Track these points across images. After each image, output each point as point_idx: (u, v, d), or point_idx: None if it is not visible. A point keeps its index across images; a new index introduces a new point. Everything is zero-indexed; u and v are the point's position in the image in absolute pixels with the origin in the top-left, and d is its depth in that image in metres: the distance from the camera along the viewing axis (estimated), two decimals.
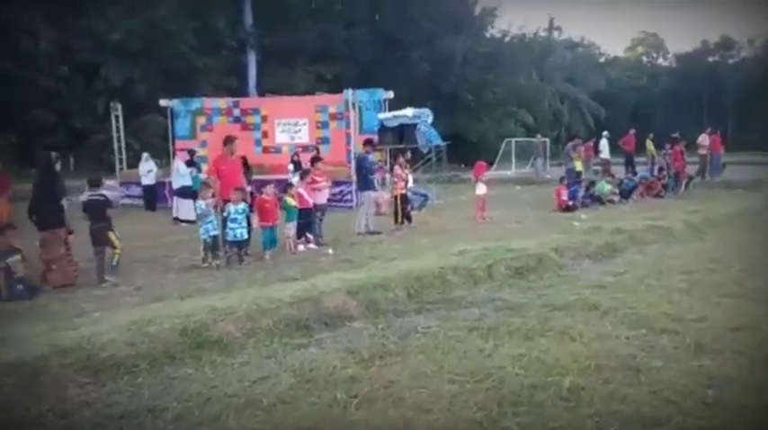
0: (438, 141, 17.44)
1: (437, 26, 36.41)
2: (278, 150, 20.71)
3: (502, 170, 31.44)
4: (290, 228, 9.65)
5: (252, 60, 33.35)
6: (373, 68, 34.85)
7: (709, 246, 9.49)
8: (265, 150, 21.02)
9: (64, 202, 8.18)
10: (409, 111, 17.27)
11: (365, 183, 11.68)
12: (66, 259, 7.93)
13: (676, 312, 5.93)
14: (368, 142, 12.23)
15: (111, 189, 21.62)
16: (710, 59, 62.36)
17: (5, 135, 28.11)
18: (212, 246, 8.71)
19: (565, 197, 14.54)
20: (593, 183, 16.71)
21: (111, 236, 7.98)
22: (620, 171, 20.29)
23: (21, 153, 29.29)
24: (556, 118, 50.54)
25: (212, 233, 8.64)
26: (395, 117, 17.45)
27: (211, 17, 30.84)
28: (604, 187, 16.30)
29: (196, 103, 21.20)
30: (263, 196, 9.38)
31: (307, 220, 10.18)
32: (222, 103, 21.67)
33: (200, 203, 8.60)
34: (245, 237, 8.91)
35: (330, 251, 9.76)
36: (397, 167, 12.16)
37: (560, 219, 13.08)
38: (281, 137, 21.17)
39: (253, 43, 33.03)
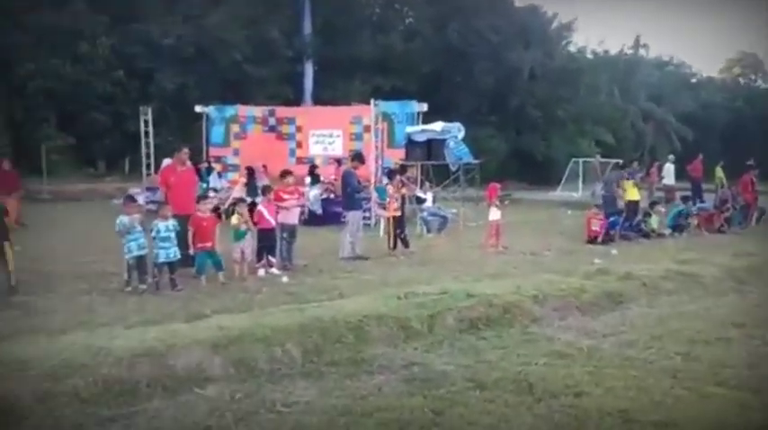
0: (469, 158, 15.83)
1: (504, 39, 34.57)
2: (311, 161, 19.72)
3: (568, 191, 29.35)
4: (236, 251, 8.43)
5: (309, 70, 32.64)
6: (434, 81, 33.46)
7: (742, 304, 7.54)
8: (299, 161, 20.07)
9: None
10: (438, 126, 15.77)
11: (351, 202, 10.34)
12: None
13: (636, 408, 4.28)
14: (356, 157, 10.90)
15: (137, 195, 21.47)
16: None
17: (65, 136, 28.72)
18: (138, 267, 7.62)
19: (595, 227, 12.63)
20: (648, 215, 14.62)
21: (8, 249, 7.07)
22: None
23: (79, 154, 29.97)
24: (639, 138, 47.46)
25: (136, 253, 7.55)
26: (423, 131, 16.01)
27: (267, 26, 30.39)
28: (653, 222, 14.19)
29: (230, 111, 20.55)
30: (198, 213, 8.19)
31: (268, 243, 8.94)
32: (258, 111, 20.91)
33: (123, 219, 7.52)
34: (178, 257, 7.79)
35: (285, 279, 8.48)
36: (389, 187, 10.75)
37: (585, 254, 11.25)
38: (314, 148, 20.24)
39: (310, 53, 32.37)
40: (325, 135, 20.13)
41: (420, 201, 14.56)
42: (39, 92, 27.46)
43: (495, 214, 11.62)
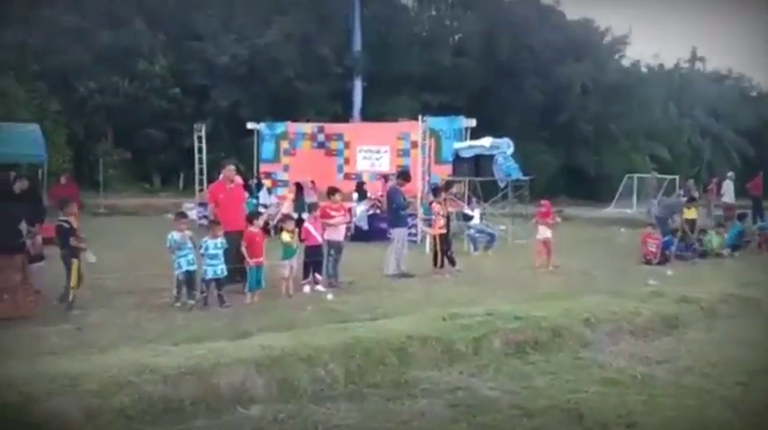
0: (518, 175, 15.59)
1: (555, 53, 34.15)
2: (359, 177, 19.81)
3: (621, 208, 28.64)
4: (285, 267, 8.48)
5: (358, 87, 32.89)
6: (483, 96, 33.24)
7: None
8: (347, 177, 20.20)
9: (23, 226, 7.55)
10: (487, 141, 15.61)
11: (396, 219, 10.31)
12: (22, 288, 7.27)
13: None
14: (401, 175, 10.87)
15: (190, 210, 21.98)
16: None
17: (122, 151, 29.66)
18: (187, 283, 7.74)
19: (652, 248, 12.24)
20: (704, 232, 14.16)
21: (73, 266, 7.29)
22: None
23: (135, 170, 30.88)
24: (696, 154, 46.08)
25: (186, 268, 7.68)
26: (470, 147, 15.87)
27: (318, 44, 30.81)
28: (713, 240, 13.72)
29: (281, 127, 20.90)
30: (251, 229, 8.28)
31: (314, 259, 8.97)
32: (307, 127, 21.20)
33: (174, 234, 7.67)
34: (226, 274, 7.88)
35: (330, 297, 8.48)
36: (435, 205, 10.66)
37: (639, 274, 10.92)
38: (362, 164, 20.31)
39: (360, 70, 32.63)
40: (373, 151, 20.17)
41: (467, 217, 14.41)
42: (98, 109, 28.46)
43: (544, 232, 11.40)
